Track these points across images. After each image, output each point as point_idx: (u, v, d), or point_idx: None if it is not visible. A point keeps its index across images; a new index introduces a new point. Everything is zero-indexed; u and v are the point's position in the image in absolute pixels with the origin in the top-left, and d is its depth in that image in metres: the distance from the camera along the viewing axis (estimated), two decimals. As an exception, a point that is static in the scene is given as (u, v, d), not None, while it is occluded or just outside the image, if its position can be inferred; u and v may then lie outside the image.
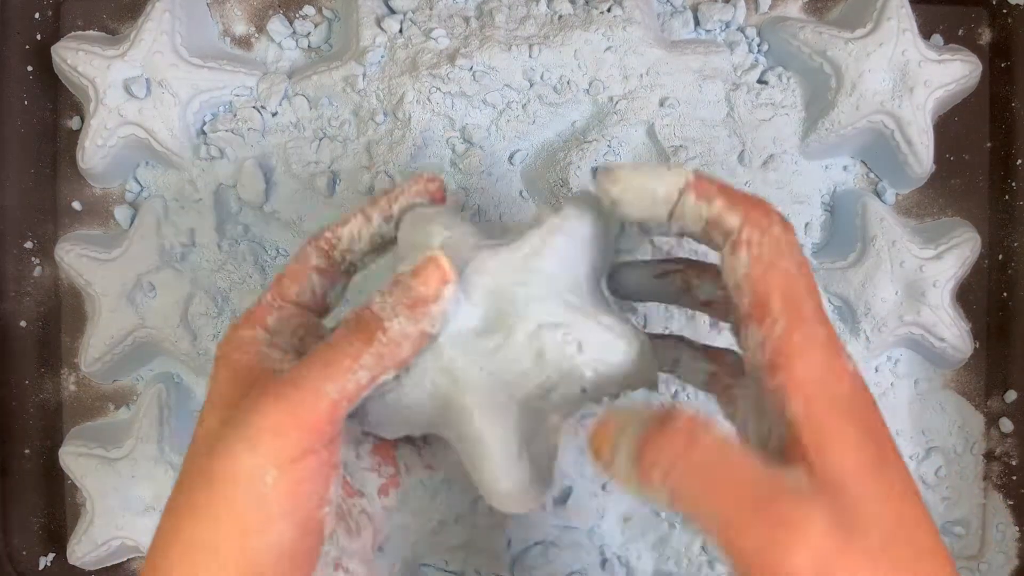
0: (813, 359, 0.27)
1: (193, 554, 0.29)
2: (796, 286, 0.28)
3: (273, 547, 0.30)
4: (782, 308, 0.28)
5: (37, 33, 0.50)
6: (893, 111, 0.48)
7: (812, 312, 0.28)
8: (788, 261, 0.29)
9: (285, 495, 0.29)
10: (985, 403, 0.52)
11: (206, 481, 0.30)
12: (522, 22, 0.48)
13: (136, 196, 0.50)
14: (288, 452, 0.29)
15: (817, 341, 0.28)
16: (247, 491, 0.29)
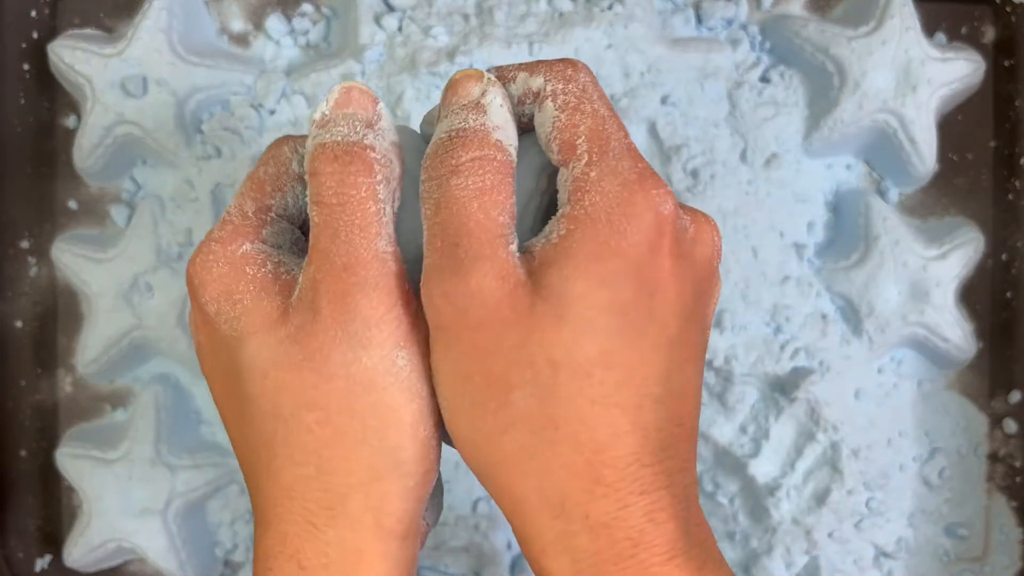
0: (607, 192, 0.27)
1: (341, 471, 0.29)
2: (603, 125, 0.28)
3: (435, 427, 0.29)
4: (587, 147, 0.28)
5: (33, 31, 0.49)
6: (896, 110, 0.47)
7: (617, 148, 0.28)
8: (595, 103, 0.29)
9: (418, 370, 0.29)
10: (989, 404, 0.51)
11: (324, 409, 0.28)
12: (522, 19, 0.47)
13: (133, 195, 0.50)
14: (406, 327, 0.28)
15: (617, 175, 0.28)
16: (400, 395, 0.28)
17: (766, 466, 0.48)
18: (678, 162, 0.48)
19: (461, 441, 0.29)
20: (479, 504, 0.49)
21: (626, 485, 0.27)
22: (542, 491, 0.28)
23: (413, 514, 0.30)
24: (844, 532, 0.49)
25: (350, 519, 0.29)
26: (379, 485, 0.29)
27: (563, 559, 0.28)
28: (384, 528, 0.29)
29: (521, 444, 0.27)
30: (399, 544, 0.29)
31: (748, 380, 0.48)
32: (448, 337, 0.28)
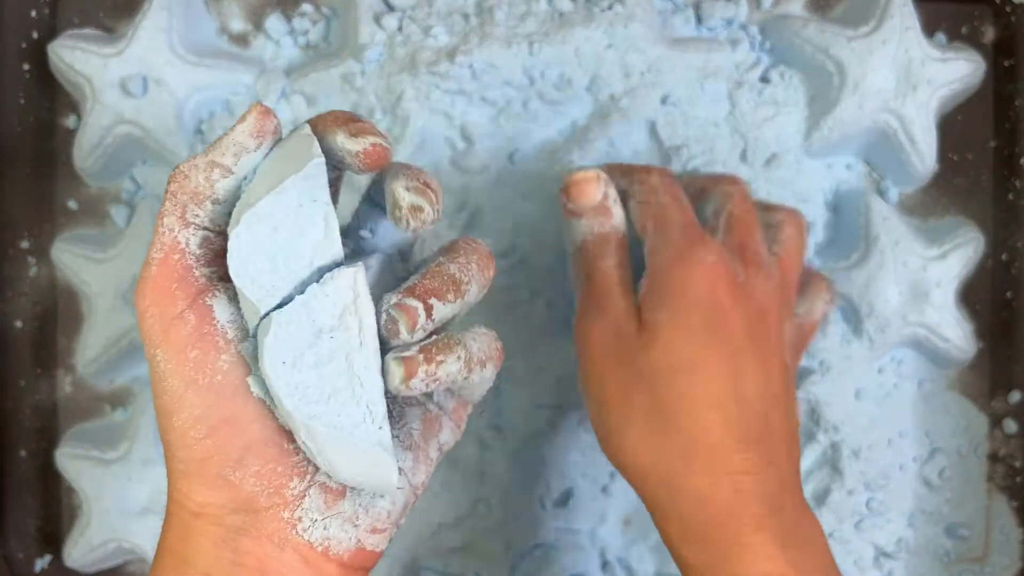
0: (664, 255, 0.40)
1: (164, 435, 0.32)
2: (663, 212, 0.41)
3: (192, 421, 0.31)
4: (652, 227, 0.41)
5: (33, 31, 0.49)
6: (896, 109, 0.47)
7: (674, 225, 0.40)
8: (659, 196, 0.41)
9: (176, 367, 0.31)
10: (989, 404, 0.51)
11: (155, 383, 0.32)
12: (522, 19, 0.47)
13: (133, 195, 0.50)
14: (154, 328, 0.31)
15: (670, 244, 0.40)
16: (157, 380, 0.31)
17: (766, 466, 0.48)
18: (678, 162, 0.48)
19: (603, 434, 0.39)
20: (479, 505, 0.49)
21: (716, 466, 0.36)
22: (656, 469, 0.37)
23: (211, 496, 0.32)
24: (844, 532, 0.49)
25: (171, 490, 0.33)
26: (173, 458, 0.32)
27: (675, 524, 0.37)
28: (180, 502, 0.32)
29: (640, 431, 0.37)
30: (193, 520, 0.32)
31: (748, 380, 0.48)
32: (593, 357, 0.39)
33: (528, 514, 0.49)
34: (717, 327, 0.38)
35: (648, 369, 0.38)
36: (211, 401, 0.31)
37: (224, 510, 0.32)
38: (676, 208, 0.41)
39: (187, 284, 0.31)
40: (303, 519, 0.32)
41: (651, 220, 0.41)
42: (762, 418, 0.38)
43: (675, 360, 0.37)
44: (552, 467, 0.49)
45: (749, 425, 0.37)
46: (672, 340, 0.38)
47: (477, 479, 0.49)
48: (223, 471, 0.31)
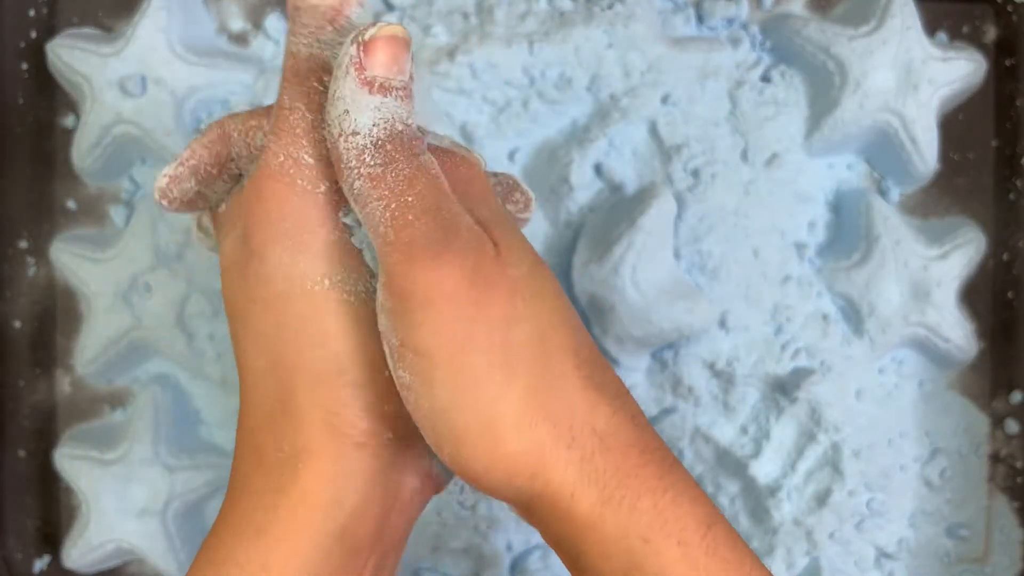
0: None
1: (313, 367, 0.29)
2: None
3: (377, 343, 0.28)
4: None
5: (32, 31, 0.49)
6: (898, 109, 0.47)
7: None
8: None
9: (358, 286, 0.29)
10: (990, 404, 0.51)
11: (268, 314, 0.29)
12: (522, 18, 0.47)
13: (132, 195, 0.50)
14: (333, 237, 0.29)
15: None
16: (332, 300, 0.29)
17: (767, 467, 0.48)
18: (678, 161, 0.48)
19: (459, 442, 0.28)
20: (479, 505, 0.49)
21: (608, 394, 0.28)
22: (555, 422, 0.27)
23: (370, 423, 0.29)
24: (845, 533, 0.49)
25: (300, 414, 0.29)
26: (326, 387, 0.29)
27: (591, 491, 0.27)
28: (334, 429, 0.29)
29: (527, 385, 0.27)
30: (354, 451, 0.29)
31: (749, 381, 0.48)
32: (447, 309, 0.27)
33: (528, 515, 0.49)
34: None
35: (522, 285, 0.28)
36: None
37: (387, 441, 0.29)
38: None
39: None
40: (426, 452, 0.30)
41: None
42: (577, 342, 0.30)
43: (529, 261, 0.29)
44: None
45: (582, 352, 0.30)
46: (520, 254, 0.29)
47: (477, 480, 0.49)
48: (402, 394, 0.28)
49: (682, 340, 0.48)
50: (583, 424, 0.27)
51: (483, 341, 0.27)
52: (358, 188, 0.27)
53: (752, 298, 0.48)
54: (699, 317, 0.46)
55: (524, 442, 0.27)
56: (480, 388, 0.27)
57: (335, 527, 0.29)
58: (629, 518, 0.27)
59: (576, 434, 0.27)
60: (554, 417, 0.27)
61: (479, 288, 0.27)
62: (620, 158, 0.48)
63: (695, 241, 0.48)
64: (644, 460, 0.28)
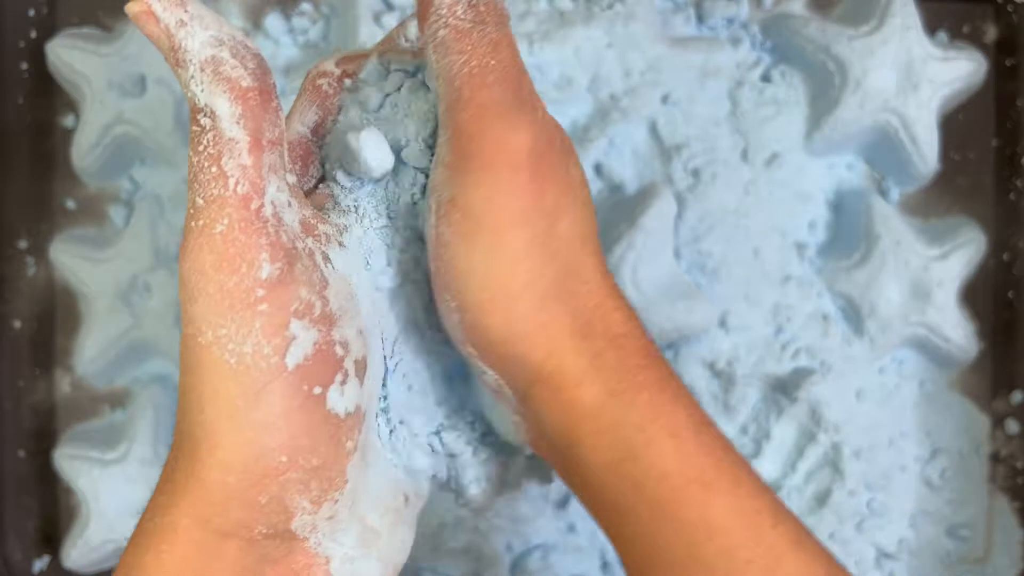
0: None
1: (192, 436, 0.25)
2: None
3: (271, 423, 0.25)
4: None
5: (32, 30, 0.49)
6: (898, 109, 0.47)
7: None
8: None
9: (261, 350, 0.24)
10: (990, 404, 0.51)
11: (183, 355, 0.25)
12: (522, 18, 0.47)
13: (131, 195, 0.50)
14: (236, 292, 0.24)
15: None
16: (213, 356, 0.25)
17: (767, 467, 0.48)
18: (679, 161, 0.48)
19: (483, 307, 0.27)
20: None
21: (624, 305, 0.29)
22: (577, 314, 0.27)
23: (238, 512, 0.25)
24: (845, 533, 0.49)
25: (173, 487, 0.26)
26: (199, 462, 0.25)
27: (596, 382, 0.27)
28: (199, 512, 0.26)
29: (559, 273, 0.27)
30: (218, 540, 0.26)
31: (749, 380, 0.48)
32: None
33: (528, 515, 0.49)
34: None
35: (578, 185, 0.29)
36: (295, 386, 0.25)
37: (260, 534, 0.26)
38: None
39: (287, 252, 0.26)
40: (335, 555, 0.28)
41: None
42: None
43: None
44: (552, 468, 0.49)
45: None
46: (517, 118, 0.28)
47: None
48: (286, 491, 0.25)
49: (682, 340, 0.48)
50: (601, 322, 0.28)
51: (532, 219, 0.27)
52: (442, 37, 0.27)
53: (752, 298, 0.48)
54: (699, 317, 0.46)
55: (546, 322, 0.27)
56: (518, 262, 0.27)
57: None
58: (628, 410, 0.27)
59: (594, 329, 0.28)
60: (577, 309, 0.27)
61: (542, 170, 0.27)
62: (620, 158, 0.48)
63: (695, 241, 0.48)
64: (648, 363, 0.28)
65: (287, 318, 0.25)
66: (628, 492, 0.27)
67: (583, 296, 0.28)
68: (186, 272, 0.24)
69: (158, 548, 0.26)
